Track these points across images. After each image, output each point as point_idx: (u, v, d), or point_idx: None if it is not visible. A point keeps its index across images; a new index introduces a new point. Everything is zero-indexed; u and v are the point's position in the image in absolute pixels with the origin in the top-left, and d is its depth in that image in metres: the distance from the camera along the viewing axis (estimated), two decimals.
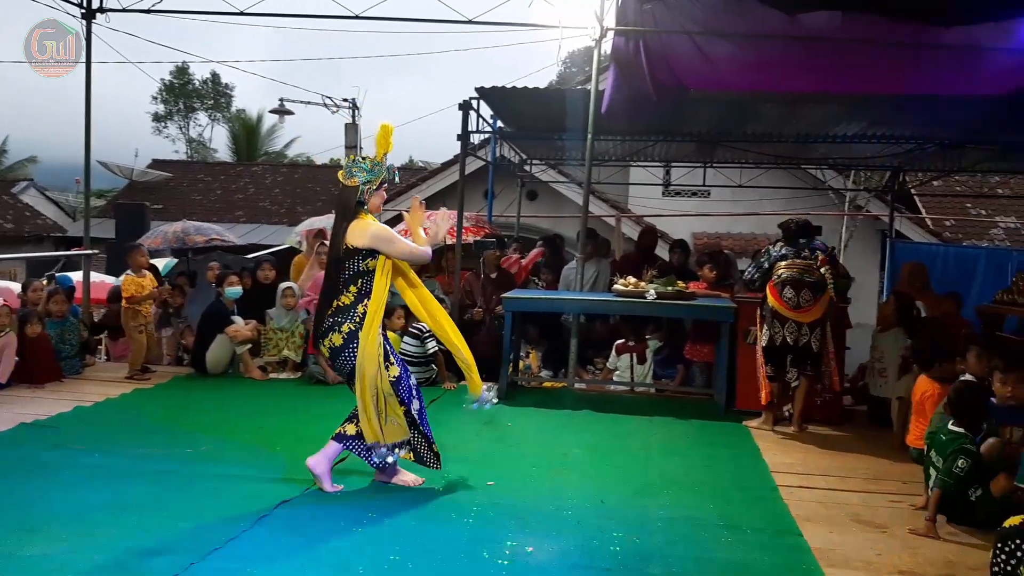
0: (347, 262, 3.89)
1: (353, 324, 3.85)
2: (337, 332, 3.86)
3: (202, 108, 37.44)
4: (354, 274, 3.90)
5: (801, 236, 5.66)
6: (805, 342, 5.45)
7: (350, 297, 3.89)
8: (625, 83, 6.55)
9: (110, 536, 3.28)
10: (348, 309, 3.88)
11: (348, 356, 3.86)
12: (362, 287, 3.90)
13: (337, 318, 3.88)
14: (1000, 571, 2.74)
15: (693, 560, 3.25)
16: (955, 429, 3.88)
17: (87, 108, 7.71)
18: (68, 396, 5.97)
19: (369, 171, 3.92)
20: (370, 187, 3.91)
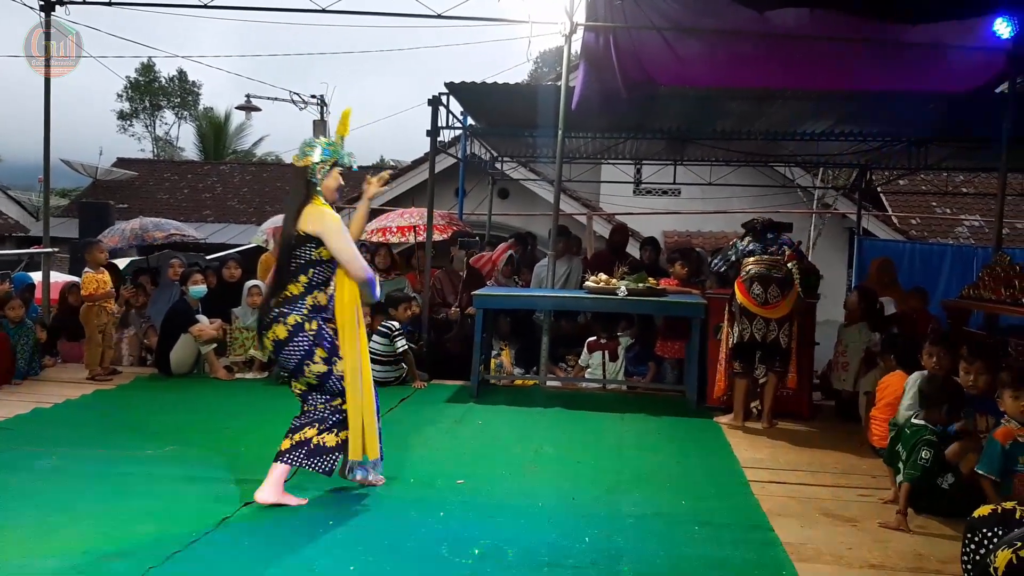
0: (298, 249, 3.64)
1: (300, 316, 3.63)
2: (282, 324, 3.62)
3: (168, 106, 36.86)
4: (305, 263, 3.65)
5: (768, 232, 5.69)
6: (773, 338, 5.46)
7: (299, 287, 3.65)
8: (596, 79, 6.54)
9: (68, 540, 3.17)
10: (296, 300, 3.65)
11: (293, 350, 3.63)
12: (313, 277, 3.67)
13: (283, 308, 3.63)
14: (970, 561, 2.74)
15: (665, 556, 3.23)
16: (918, 422, 3.90)
17: (46, 103, 7.52)
18: (26, 398, 5.81)
19: (324, 150, 3.73)
20: (323, 167, 3.70)
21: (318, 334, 3.65)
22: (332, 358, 3.68)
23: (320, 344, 3.65)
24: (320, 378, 3.68)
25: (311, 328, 3.64)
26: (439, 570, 3.02)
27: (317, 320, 3.67)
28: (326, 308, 3.74)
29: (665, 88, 6.92)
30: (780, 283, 5.44)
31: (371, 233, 9.51)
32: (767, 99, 7.35)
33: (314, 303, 3.67)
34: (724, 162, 10.14)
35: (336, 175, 3.77)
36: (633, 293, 6.14)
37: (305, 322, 3.63)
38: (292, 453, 3.66)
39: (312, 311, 3.66)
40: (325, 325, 3.71)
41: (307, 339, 3.62)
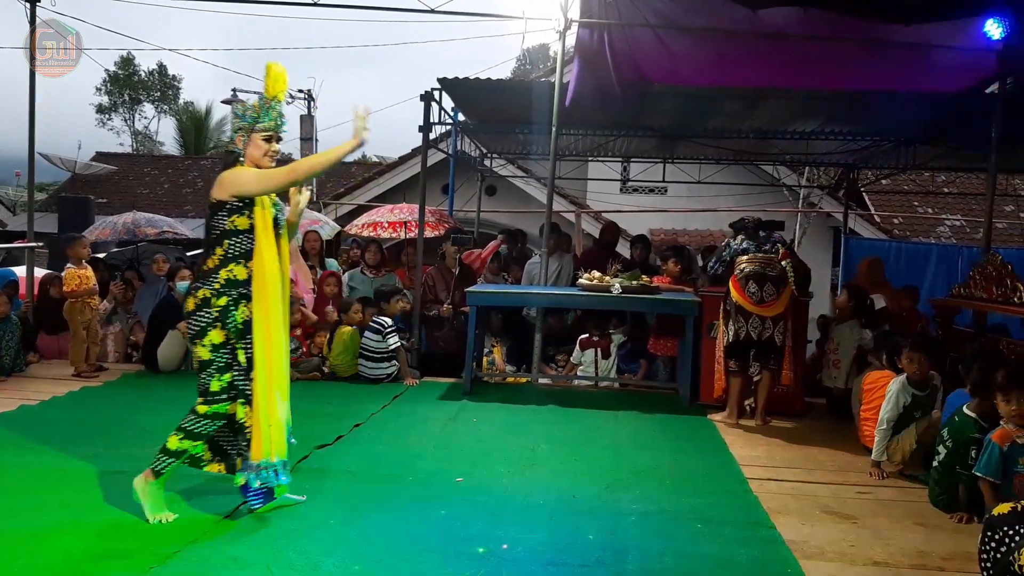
0: (214, 219, 3.36)
1: (210, 290, 3.33)
2: (192, 297, 3.37)
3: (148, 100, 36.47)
4: (221, 234, 3.35)
5: (760, 230, 5.70)
6: (768, 336, 5.47)
7: (215, 260, 3.35)
8: (589, 75, 6.52)
9: (64, 541, 3.11)
10: (210, 273, 3.35)
11: (192, 324, 3.35)
12: (230, 248, 3.34)
13: (198, 282, 3.39)
14: (990, 559, 2.74)
15: (671, 554, 3.21)
16: (970, 414, 3.92)
17: (31, 96, 7.37)
18: (12, 395, 5.70)
19: (241, 116, 3.43)
20: (242, 135, 3.41)
21: (224, 312, 3.33)
22: (222, 349, 3.34)
23: (217, 325, 3.33)
24: (201, 364, 3.36)
25: (218, 304, 3.32)
26: (444, 568, 2.99)
27: (228, 296, 3.34)
28: (245, 283, 3.37)
29: (658, 86, 6.91)
30: (775, 281, 5.45)
31: (361, 228, 9.44)
32: (759, 98, 7.37)
33: (229, 277, 3.34)
34: (714, 160, 10.17)
35: (258, 141, 3.41)
36: (627, 291, 6.13)
37: (213, 297, 3.33)
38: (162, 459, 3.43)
39: (225, 286, 3.34)
40: (236, 305, 3.35)
41: (207, 316, 3.32)
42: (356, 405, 5.67)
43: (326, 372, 6.81)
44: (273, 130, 3.44)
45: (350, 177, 18.01)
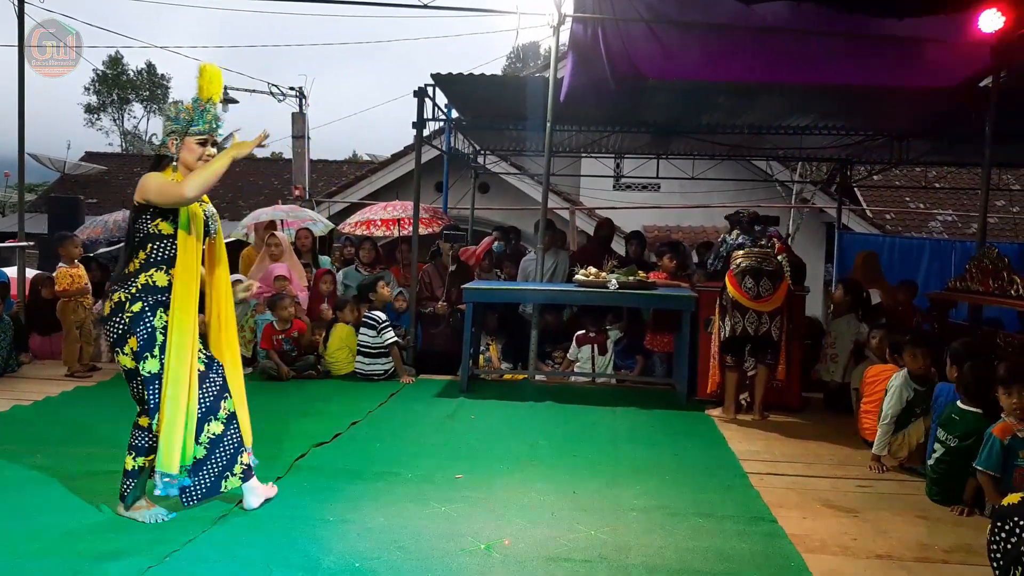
0: (137, 222, 3.25)
1: (126, 295, 3.22)
2: (108, 301, 3.28)
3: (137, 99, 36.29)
4: (144, 237, 3.25)
5: (755, 224, 5.70)
6: (765, 331, 5.47)
7: (136, 263, 3.25)
8: (583, 71, 6.50)
9: (61, 541, 3.08)
10: (128, 277, 3.25)
11: (108, 331, 3.27)
12: (152, 254, 3.24)
13: (115, 285, 3.28)
14: (1000, 550, 2.72)
15: (672, 549, 3.20)
16: (970, 408, 3.91)
17: (20, 94, 7.30)
18: (4, 395, 5.64)
19: (174, 119, 3.29)
20: (174, 139, 3.28)
21: (136, 319, 3.20)
22: (144, 354, 3.21)
23: (134, 332, 3.20)
24: (127, 374, 3.29)
25: (131, 310, 3.20)
26: (446, 565, 2.96)
27: (143, 303, 3.22)
28: (164, 291, 3.25)
29: (652, 81, 6.89)
30: (771, 276, 5.44)
31: (355, 226, 9.40)
32: (752, 93, 7.36)
33: (147, 282, 3.23)
34: (708, 156, 10.16)
35: (192, 145, 3.29)
36: (624, 286, 6.11)
37: (127, 302, 3.21)
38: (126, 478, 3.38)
39: (142, 291, 3.22)
40: (153, 312, 3.23)
41: (120, 323, 3.21)
42: (353, 403, 5.63)
43: (321, 370, 6.77)
44: (208, 133, 3.32)
45: (342, 176, 17.94)
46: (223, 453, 3.39)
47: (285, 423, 5.06)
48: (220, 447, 3.37)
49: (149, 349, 3.21)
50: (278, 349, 6.60)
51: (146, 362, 3.21)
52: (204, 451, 3.33)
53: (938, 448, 3.97)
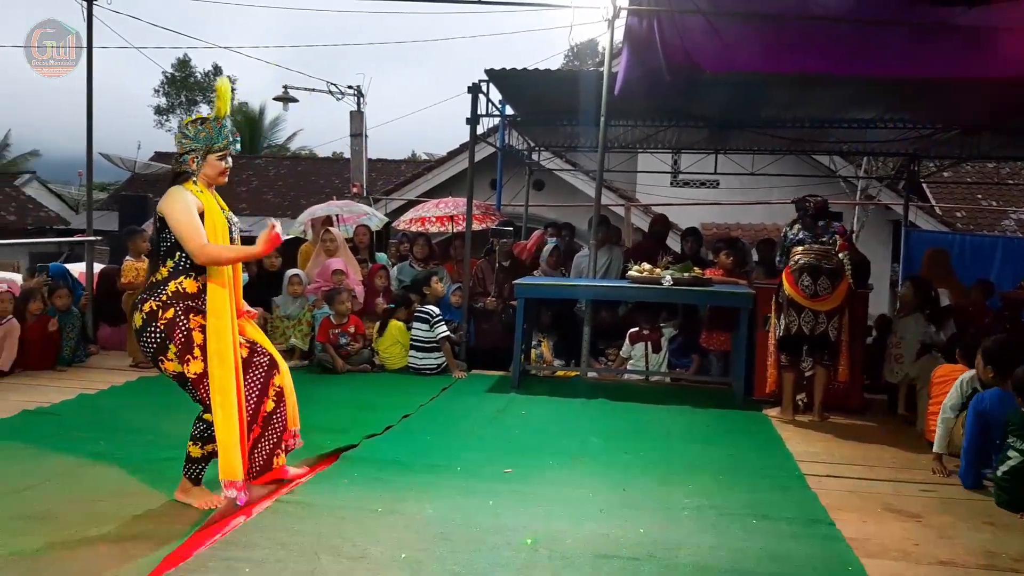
0: (164, 232, 3.32)
1: (156, 303, 3.27)
2: (139, 311, 3.31)
3: (204, 101, 37.29)
4: (171, 246, 3.31)
5: (820, 217, 5.51)
6: (822, 331, 5.29)
7: (165, 271, 3.32)
8: (638, 63, 6.41)
9: (116, 524, 3.16)
10: (158, 285, 3.31)
11: (146, 341, 3.30)
12: (180, 262, 3.31)
13: (144, 294, 3.33)
14: None
15: (725, 549, 3.11)
16: None
17: (89, 93, 7.53)
18: (72, 384, 5.85)
19: (193, 137, 3.36)
20: (195, 156, 3.35)
21: (171, 324, 3.25)
22: (186, 356, 3.26)
23: (172, 337, 3.25)
24: (177, 378, 3.33)
25: (165, 316, 3.25)
26: (492, 559, 2.94)
27: (175, 308, 3.27)
28: (194, 297, 3.31)
29: (709, 74, 6.74)
30: (831, 274, 5.26)
31: (409, 223, 9.48)
32: (813, 85, 7.14)
33: (177, 289, 3.29)
34: (767, 151, 9.92)
35: (213, 161, 3.39)
36: (679, 283, 6.01)
37: (160, 310, 3.26)
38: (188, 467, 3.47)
39: (173, 298, 3.28)
40: (186, 316, 3.28)
41: (158, 331, 3.26)
42: (405, 396, 5.67)
43: (376, 364, 6.84)
44: (227, 148, 3.42)
45: (401, 175, 18.14)
46: (274, 430, 3.51)
47: (338, 414, 5.12)
48: (271, 424, 3.49)
49: (189, 351, 3.26)
50: (334, 343, 6.69)
51: (189, 364, 3.26)
52: (259, 429, 3.46)
53: (1013, 456, 3.76)
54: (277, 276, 7.33)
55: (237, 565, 2.80)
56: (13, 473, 3.77)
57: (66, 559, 2.82)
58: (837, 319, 5.32)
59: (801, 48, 6.42)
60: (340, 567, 2.81)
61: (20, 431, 4.55)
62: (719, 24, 6.28)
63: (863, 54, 6.45)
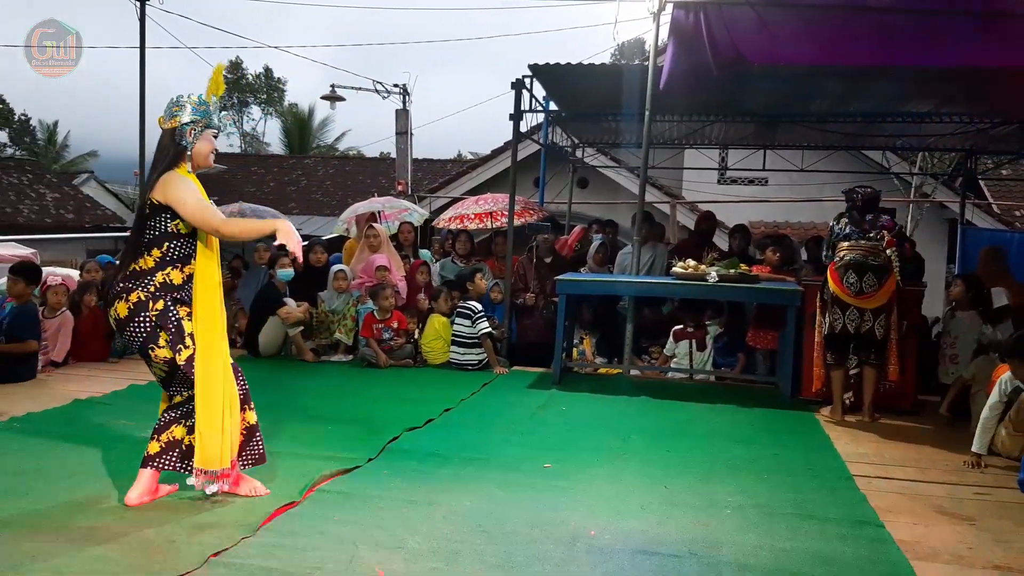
0: (153, 219, 3.22)
1: (144, 293, 3.19)
2: (123, 300, 3.20)
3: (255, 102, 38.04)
4: (159, 235, 3.22)
5: (868, 211, 5.34)
6: (868, 329, 5.13)
7: (150, 261, 3.22)
8: (684, 57, 6.30)
9: (162, 510, 3.22)
10: (143, 275, 3.21)
11: (134, 331, 3.20)
12: (168, 252, 3.23)
13: (128, 283, 3.21)
14: None
15: (767, 549, 3.04)
16: None
17: (141, 94, 7.75)
18: (123, 375, 6.00)
19: (194, 109, 3.29)
20: (194, 128, 3.27)
21: (163, 315, 3.21)
22: (178, 344, 3.21)
23: (164, 327, 3.21)
24: (168, 365, 3.24)
25: (155, 308, 3.20)
26: (530, 552, 2.92)
27: (164, 300, 3.22)
28: (180, 288, 3.26)
29: (757, 67, 6.61)
30: (877, 271, 5.09)
31: (448, 221, 9.50)
32: (865, 78, 6.96)
33: (164, 280, 3.23)
34: (817, 146, 9.70)
35: (208, 137, 3.35)
36: (724, 279, 5.91)
37: (150, 300, 3.20)
38: (163, 456, 3.31)
39: (161, 289, 3.22)
40: (174, 307, 3.24)
41: (146, 321, 3.19)
42: (446, 391, 5.68)
43: (418, 359, 6.87)
44: (218, 128, 3.41)
45: (444, 173, 18.23)
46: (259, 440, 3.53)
47: (380, 408, 5.16)
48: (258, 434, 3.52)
49: (181, 340, 3.23)
50: (377, 338, 6.73)
51: (181, 352, 3.23)
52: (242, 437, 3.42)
53: None
54: (323, 271, 7.42)
55: (276, 552, 2.83)
56: (65, 459, 3.87)
57: (117, 541, 2.88)
58: (884, 317, 5.16)
59: (854, 39, 6.25)
60: (377, 557, 2.82)
61: (73, 419, 4.69)
62: (768, 16, 6.15)
63: (919, 45, 6.25)
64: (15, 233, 13.56)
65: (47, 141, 32.91)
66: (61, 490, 3.42)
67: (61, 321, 6.19)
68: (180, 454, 3.32)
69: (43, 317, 6.09)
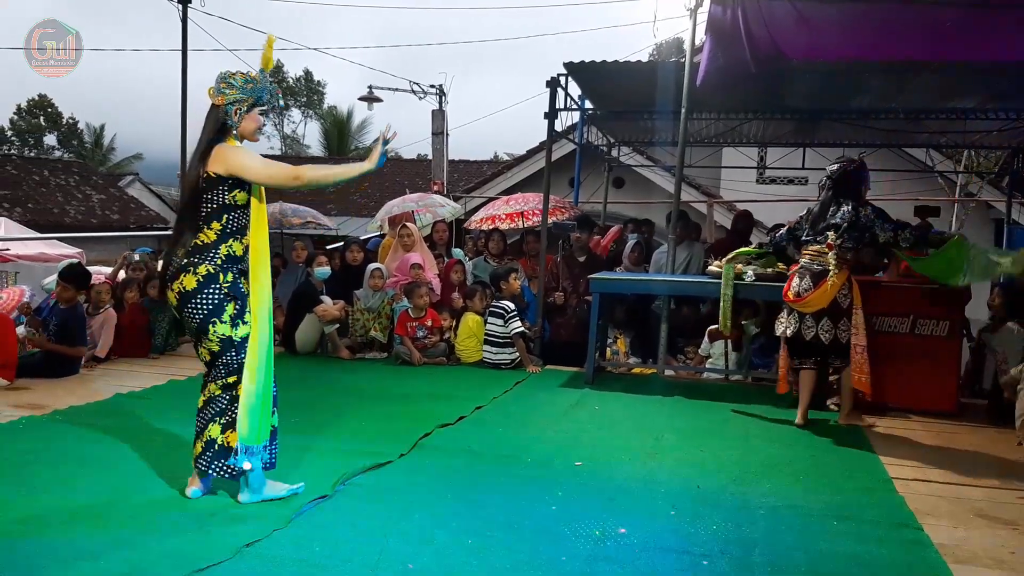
0: (210, 193, 3.19)
1: (213, 266, 3.18)
2: (191, 273, 3.17)
3: (296, 105, 38.58)
4: (218, 207, 3.20)
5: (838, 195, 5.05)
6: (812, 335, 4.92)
7: (211, 235, 3.20)
8: (721, 54, 6.23)
9: (198, 501, 3.28)
10: (208, 249, 3.19)
11: (200, 303, 3.17)
12: (228, 224, 3.22)
13: (193, 257, 3.19)
14: None
15: (803, 551, 2.99)
16: None
17: (183, 95, 7.89)
18: (162, 370, 6.12)
19: (240, 87, 3.25)
20: (240, 107, 3.24)
21: (233, 286, 3.22)
22: (238, 321, 3.22)
23: (234, 298, 3.22)
24: (222, 343, 3.21)
25: (226, 280, 3.21)
26: (558, 548, 2.91)
27: (232, 272, 3.23)
28: (242, 260, 3.27)
29: (796, 63, 6.51)
30: (816, 275, 4.90)
31: (480, 222, 9.52)
32: (909, 73, 6.82)
33: (229, 253, 3.22)
34: (858, 144, 9.51)
35: (256, 116, 3.31)
36: (761, 278, 5.82)
37: (220, 273, 3.19)
38: (202, 457, 3.27)
39: (227, 261, 3.21)
40: (241, 278, 3.26)
41: (219, 291, 3.19)
42: (479, 389, 5.69)
43: (452, 357, 6.90)
44: (269, 104, 3.36)
45: (480, 174, 18.29)
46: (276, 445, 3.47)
47: (413, 405, 5.20)
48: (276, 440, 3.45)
49: (242, 316, 3.23)
50: (412, 336, 6.78)
51: (238, 328, 3.22)
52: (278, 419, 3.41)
53: None
54: (359, 270, 7.49)
55: (308, 544, 2.86)
56: (106, 451, 3.96)
57: (153, 531, 2.94)
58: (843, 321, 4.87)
59: (896, 34, 6.12)
60: (407, 550, 2.83)
61: (114, 413, 4.79)
62: (807, 11, 6.05)
63: (964, 38, 6.10)
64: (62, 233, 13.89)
65: (94, 144, 33.79)
66: (100, 481, 3.49)
67: (104, 318, 6.33)
68: (213, 454, 3.25)
69: (87, 314, 6.24)
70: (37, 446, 4.01)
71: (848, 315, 4.91)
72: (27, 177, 19.69)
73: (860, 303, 4.94)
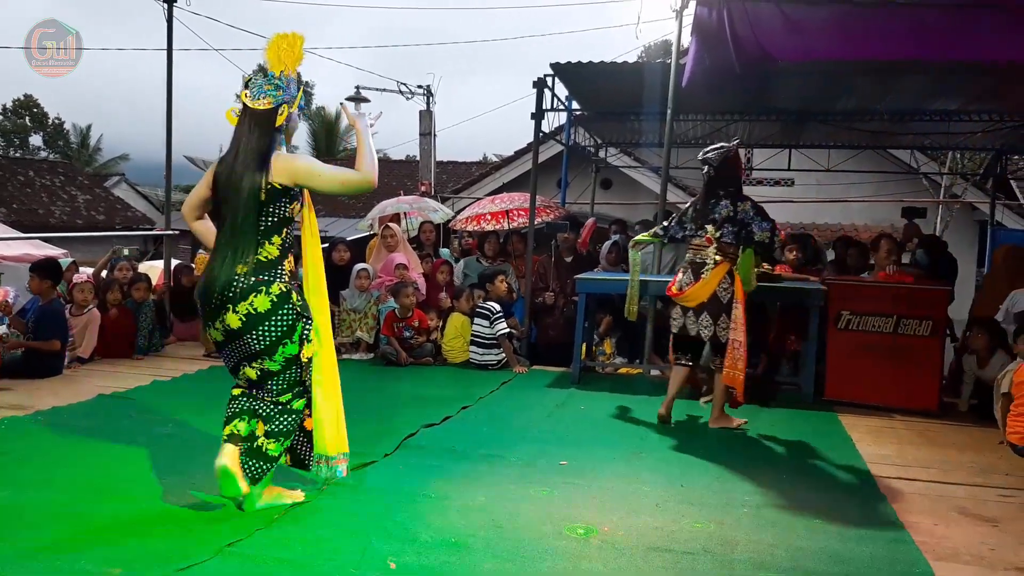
0: (270, 205, 3.00)
1: (284, 284, 3.01)
2: (263, 294, 2.95)
3: None
4: (279, 221, 3.03)
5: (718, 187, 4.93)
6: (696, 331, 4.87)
7: (273, 250, 3.01)
8: (707, 55, 6.25)
9: (179, 501, 3.25)
10: (273, 265, 3.01)
11: (273, 325, 2.98)
12: (286, 238, 3.06)
13: (262, 275, 2.98)
14: None
15: (784, 547, 3.00)
16: None
17: (169, 93, 7.83)
18: (147, 371, 6.08)
19: (286, 88, 3.11)
20: (288, 109, 3.11)
21: (304, 306, 3.10)
22: (305, 340, 3.09)
23: (305, 318, 3.09)
24: (286, 362, 3.07)
25: (297, 300, 3.06)
26: (542, 547, 2.91)
27: (295, 292, 3.08)
28: (296, 276, 3.16)
29: (782, 64, 6.54)
30: (696, 269, 4.87)
31: (465, 222, 9.51)
32: (893, 73, 6.87)
33: (290, 269, 3.09)
34: (844, 145, 9.58)
35: (295, 116, 3.20)
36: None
37: (292, 292, 3.04)
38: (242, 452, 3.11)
39: (292, 278, 3.07)
40: (303, 295, 3.15)
41: (292, 311, 3.02)
42: (465, 389, 5.69)
43: (439, 358, 6.89)
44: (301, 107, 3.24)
45: (468, 175, 18.27)
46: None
47: (399, 405, 5.19)
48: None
49: (309, 335, 3.11)
50: (398, 336, 6.76)
51: (305, 347, 3.09)
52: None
53: None
54: (345, 270, 7.46)
55: (291, 543, 2.85)
56: (88, 451, 3.94)
57: (135, 530, 2.92)
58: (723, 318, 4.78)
59: (881, 34, 6.16)
60: (389, 548, 2.83)
61: (96, 414, 4.76)
62: (793, 13, 6.08)
63: (948, 38, 6.13)
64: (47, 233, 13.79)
65: (80, 144, 33.53)
66: (82, 481, 3.47)
67: (88, 318, 6.29)
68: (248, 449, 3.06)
69: (70, 315, 6.20)
70: (18, 446, 3.98)
71: (728, 311, 4.77)
72: (12, 177, 19.54)
73: (742, 297, 4.77)
